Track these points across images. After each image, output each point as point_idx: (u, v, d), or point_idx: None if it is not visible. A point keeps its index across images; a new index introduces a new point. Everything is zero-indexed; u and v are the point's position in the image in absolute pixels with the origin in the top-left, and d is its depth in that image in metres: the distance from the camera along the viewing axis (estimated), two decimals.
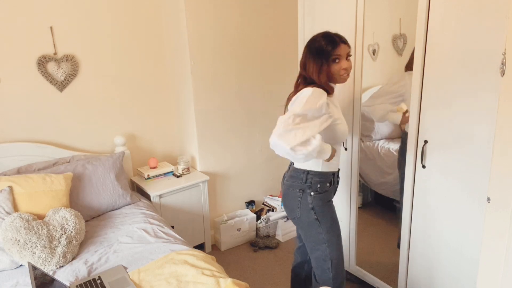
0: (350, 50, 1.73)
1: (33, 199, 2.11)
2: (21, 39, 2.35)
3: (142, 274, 1.81)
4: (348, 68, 1.71)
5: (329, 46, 1.67)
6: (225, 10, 2.78)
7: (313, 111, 1.62)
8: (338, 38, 1.69)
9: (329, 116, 1.68)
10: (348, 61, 1.71)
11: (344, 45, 1.69)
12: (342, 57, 1.68)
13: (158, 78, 2.92)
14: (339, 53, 1.67)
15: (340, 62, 1.68)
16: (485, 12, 1.51)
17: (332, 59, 1.68)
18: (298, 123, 1.59)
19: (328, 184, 1.83)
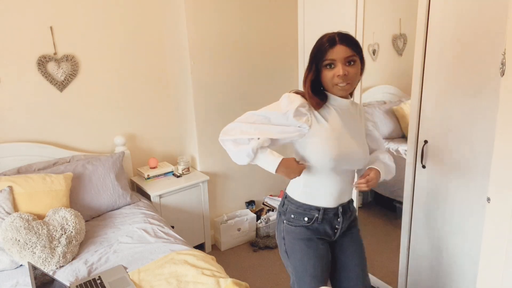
0: (354, 54, 1.37)
1: (33, 199, 2.11)
2: (21, 39, 2.35)
3: (142, 274, 1.81)
4: (346, 75, 1.36)
5: (323, 47, 1.37)
6: (225, 10, 2.78)
7: (277, 116, 1.42)
8: (339, 38, 1.37)
9: (299, 128, 1.42)
10: (349, 66, 1.37)
11: (343, 47, 1.35)
12: (337, 61, 1.36)
13: (158, 78, 2.92)
14: (333, 57, 1.35)
15: (335, 68, 1.36)
16: (485, 12, 1.51)
17: (324, 63, 1.38)
18: (252, 122, 1.44)
19: (306, 219, 1.53)
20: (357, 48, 1.39)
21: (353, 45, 1.38)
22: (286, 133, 1.42)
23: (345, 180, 1.53)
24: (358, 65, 1.40)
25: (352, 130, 1.49)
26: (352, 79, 1.38)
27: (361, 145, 1.50)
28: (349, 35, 1.39)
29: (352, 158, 1.47)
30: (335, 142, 1.43)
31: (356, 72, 1.38)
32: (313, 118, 1.43)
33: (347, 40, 1.37)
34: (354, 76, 1.38)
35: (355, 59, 1.38)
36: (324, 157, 1.43)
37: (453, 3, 1.61)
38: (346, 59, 1.36)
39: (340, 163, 1.45)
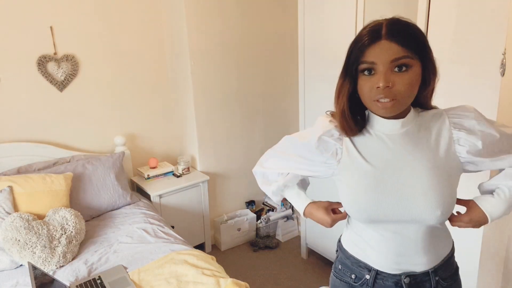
0: (409, 55, 0.89)
1: (33, 199, 2.11)
2: (21, 39, 2.35)
3: (142, 274, 1.81)
4: (389, 87, 0.89)
5: (361, 42, 0.92)
6: (225, 10, 2.78)
7: (303, 147, 1.09)
8: (388, 29, 0.89)
9: (325, 165, 1.06)
10: (397, 74, 0.89)
11: (392, 45, 0.89)
12: (378, 65, 0.89)
13: (158, 78, 2.92)
14: (372, 59, 0.90)
15: (375, 75, 0.91)
16: (485, 12, 1.51)
17: (360, 68, 0.93)
18: (285, 150, 1.17)
19: (354, 277, 1.12)
20: (417, 45, 0.90)
21: (409, 41, 0.89)
22: (314, 171, 1.10)
23: (408, 240, 1.02)
24: (416, 72, 0.91)
25: (415, 166, 0.98)
26: (401, 94, 0.90)
27: (430, 190, 0.96)
28: (406, 23, 0.92)
29: (403, 210, 0.97)
30: (367, 189, 0.99)
31: (409, 83, 0.90)
32: (344, 150, 1.03)
33: (399, 34, 0.89)
34: (404, 89, 0.90)
35: (410, 63, 0.89)
36: (353, 209, 1.03)
37: (453, 3, 1.60)
38: (394, 63, 0.89)
39: (379, 216, 0.99)
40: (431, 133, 1.00)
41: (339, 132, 1.03)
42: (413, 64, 0.90)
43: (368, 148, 1.02)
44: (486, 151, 0.99)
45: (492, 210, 1.04)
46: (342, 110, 0.99)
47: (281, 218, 3.12)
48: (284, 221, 3.13)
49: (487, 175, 1.58)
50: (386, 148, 1.00)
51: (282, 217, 3.13)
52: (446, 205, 0.96)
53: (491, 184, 1.08)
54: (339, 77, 1.00)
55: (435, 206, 0.95)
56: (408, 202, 0.96)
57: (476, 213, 1.05)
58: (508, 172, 1.04)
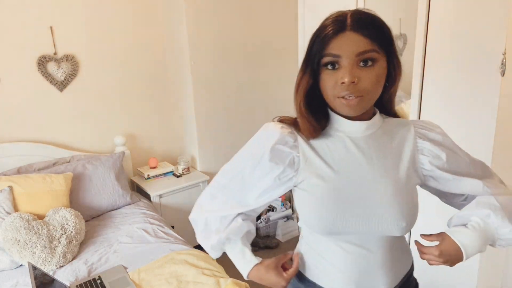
0: (375, 48, 0.81)
1: (33, 199, 2.10)
2: (21, 39, 2.34)
3: (142, 274, 1.81)
4: (355, 83, 0.80)
5: (323, 33, 0.82)
6: (225, 10, 2.78)
7: (252, 167, 0.92)
8: (353, 20, 0.81)
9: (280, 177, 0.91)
10: (363, 69, 0.81)
11: (357, 36, 0.80)
12: (343, 58, 0.80)
13: (158, 78, 2.92)
14: (337, 51, 0.81)
15: (339, 70, 0.82)
16: (485, 12, 1.51)
17: (323, 61, 0.83)
18: (226, 183, 0.97)
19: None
20: (383, 38, 0.83)
21: (375, 34, 0.81)
22: (269, 194, 0.92)
23: (370, 255, 0.92)
24: (382, 67, 0.83)
25: (378, 172, 0.90)
26: (367, 91, 0.82)
27: (394, 197, 0.88)
28: (372, 15, 0.84)
29: (366, 220, 0.88)
30: (330, 196, 0.88)
31: (375, 79, 0.82)
32: (301, 157, 0.90)
33: (365, 25, 0.81)
34: (370, 85, 0.82)
35: (376, 57, 0.81)
36: (314, 220, 0.89)
37: (453, 3, 1.60)
38: (360, 57, 0.80)
39: (340, 227, 0.88)
40: (395, 140, 0.93)
41: (293, 138, 0.91)
42: (379, 58, 0.82)
43: (330, 151, 0.91)
44: (450, 167, 0.93)
45: (467, 243, 0.90)
46: (299, 105, 0.89)
47: (281, 218, 3.12)
48: (284, 221, 3.13)
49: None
50: (349, 152, 0.90)
51: (282, 217, 3.13)
52: (411, 216, 0.90)
53: (463, 216, 0.96)
54: (299, 71, 0.90)
55: (400, 216, 0.88)
56: (373, 212, 0.88)
57: (449, 246, 0.91)
58: (480, 201, 0.94)
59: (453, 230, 0.94)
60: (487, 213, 0.91)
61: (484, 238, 0.91)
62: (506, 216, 0.91)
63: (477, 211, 0.93)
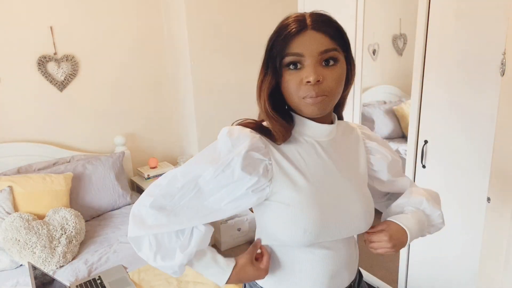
0: (336, 48, 0.80)
1: (33, 199, 2.11)
2: (21, 39, 2.35)
3: (142, 274, 1.81)
4: (320, 82, 0.78)
5: (284, 32, 0.80)
6: (225, 10, 2.78)
7: (214, 175, 0.80)
8: (312, 20, 0.80)
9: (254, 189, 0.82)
10: (326, 68, 0.79)
11: (319, 35, 0.79)
12: (306, 57, 0.78)
13: (158, 78, 2.92)
14: (299, 50, 0.78)
15: (302, 69, 0.79)
16: (485, 12, 1.51)
17: (284, 61, 0.80)
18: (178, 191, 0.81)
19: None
20: (342, 39, 0.82)
21: (336, 33, 0.80)
22: (236, 206, 0.83)
23: (339, 255, 0.93)
24: (342, 67, 0.82)
25: (345, 175, 0.90)
26: (331, 90, 0.79)
27: (361, 197, 0.90)
28: (330, 16, 0.83)
29: (344, 223, 0.87)
30: (308, 205, 0.83)
31: (338, 79, 0.80)
32: (273, 164, 0.83)
33: (325, 24, 0.80)
34: (334, 84, 0.80)
35: (338, 57, 0.80)
36: (292, 232, 0.83)
37: (453, 3, 1.60)
38: (323, 56, 0.78)
39: (324, 236, 0.86)
40: (351, 142, 0.96)
41: (264, 144, 0.84)
42: (340, 58, 0.81)
43: (302, 157, 0.86)
44: (392, 167, 0.98)
45: (410, 226, 0.93)
46: (265, 108, 0.85)
47: None
48: None
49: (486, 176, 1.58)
50: (320, 158, 0.87)
51: None
52: (372, 212, 0.93)
53: (399, 204, 1.00)
54: (259, 74, 0.87)
55: (369, 214, 0.90)
56: (348, 214, 0.87)
57: (395, 230, 0.92)
58: (412, 190, 1.01)
59: (394, 217, 0.97)
60: (420, 200, 0.98)
61: (421, 222, 0.96)
62: (434, 202, 0.99)
63: (411, 200, 0.99)
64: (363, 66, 2.11)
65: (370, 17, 2.06)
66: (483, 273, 1.62)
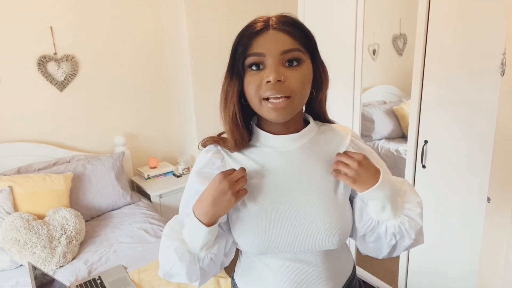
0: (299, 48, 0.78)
1: (33, 199, 2.10)
2: (21, 39, 2.35)
3: (142, 274, 1.81)
4: (281, 82, 0.76)
5: (246, 32, 0.81)
6: (225, 9, 2.78)
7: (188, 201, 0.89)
8: (276, 20, 0.81)
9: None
10: (288, 69, 0.77)
11: (281, 35, 0.78)
12: (267, 57, 0.77)
13: (158, 77, 2.92)
14: (260, 50, 0.77)
15: (264, 69, 0.78)
16: (485, 12, 1.51)
17: (246, 62, 0.80)
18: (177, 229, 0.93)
19: None
20: (307, 41, 0.79)
21: (299, 34, 0.78)
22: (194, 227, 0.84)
23: (307, 266, 0.88)
24: (308, 69, 0.80)
25: (308, 187, 0.85)
26: (295, 91, 0.77)
27: (324, 211, 0.84)
28: (295, 18, 0.82)
29: (297, 238, 0.83)
30: (258, 215, 0.84)
31: (302, 80, 0.77)
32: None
33: (288, 25, 0.78)
34: (298, 85, 0.77)
35: (302, 57, 0.78)
36: (242, 240, 0.85)
37: (453, 3, 1.60)
38: (285, 56, 0.76)
39: (272, 249, 0.85)
40: (329, 148, 0.88)
41: (220, 158, 0.88)
42: (304, 60, 0.79)
43: (257, 167, 0.85)
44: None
45: (385, 176, 0.83)
46: (233, 114, 0.84)
47: None
48: None
49: (486, 176, 1.58)
50: (277, 165, 0.85)
51: None
52: (343, 229, 0.84)
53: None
54: (224, 78, 0.86)
55: (334, 231, 0.83)
56: (304, 229, 0.83)
57: (370, 165, 0.83)
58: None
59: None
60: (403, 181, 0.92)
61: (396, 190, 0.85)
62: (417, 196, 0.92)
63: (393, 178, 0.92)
64: (363, 66, 2.11)
65: (370, 17, 2.06)
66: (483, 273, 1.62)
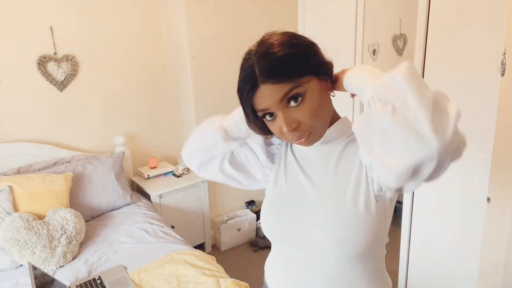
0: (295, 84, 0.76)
1: (33, 199, 2.10)
2: (21, 39, 2.34)
3: (142, 274, 1.81)
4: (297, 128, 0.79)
5: (244, 92, 0.81)
6: (225, 9, 2.78)
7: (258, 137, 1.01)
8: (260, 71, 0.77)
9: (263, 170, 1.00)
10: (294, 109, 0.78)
11: (270, 87, 0.77)
12: (271, 109, 0.79)
13: (158, 77, 2.92)
14: (264, 106, 0.79)
15: (277, 118, 0.80)
16: (485, 12, 1.51)
17: (259, 115, 0.83)
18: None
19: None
20: (298, 66, 0.77)
21: (287, 72, 0.76)
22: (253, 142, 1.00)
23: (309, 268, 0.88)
24: (314, 94, 0.78)
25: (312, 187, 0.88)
26: (311, 125, 0.79)
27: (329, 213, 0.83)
28: (275, 52, 0.79)
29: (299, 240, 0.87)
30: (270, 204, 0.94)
31: (312, 112, 0.78)
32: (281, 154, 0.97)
33: (271, 71, 0.76)
34: (311, 119, 0.78)
35: (301, 91, 0.77)
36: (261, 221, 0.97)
37: (453, 3, 1.61)
38: (284, 101, 0.77)
39: (278, 239, 0.94)
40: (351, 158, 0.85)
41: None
42: (306, 87, 0.77)
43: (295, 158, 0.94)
44: None
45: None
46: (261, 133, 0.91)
47: None
48: None
49: (486, 176, 1.58)
50: (297, 164, 0.92)
51: None
52: (347, 234, 0.80)
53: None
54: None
55: (332, 232, 0.81)
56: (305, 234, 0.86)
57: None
58: None
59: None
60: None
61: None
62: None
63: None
64: None
65: (370, 17, 2.07)
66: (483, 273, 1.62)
